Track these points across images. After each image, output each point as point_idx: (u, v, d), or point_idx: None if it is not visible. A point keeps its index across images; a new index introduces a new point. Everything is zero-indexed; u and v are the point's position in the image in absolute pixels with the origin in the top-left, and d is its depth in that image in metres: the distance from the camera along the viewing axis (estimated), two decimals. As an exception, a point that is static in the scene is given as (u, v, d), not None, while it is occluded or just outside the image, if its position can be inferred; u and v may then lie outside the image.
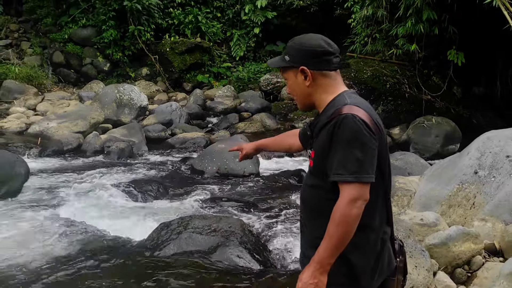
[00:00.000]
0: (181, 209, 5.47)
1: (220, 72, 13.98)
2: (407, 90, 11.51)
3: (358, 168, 1.70)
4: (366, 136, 1.73)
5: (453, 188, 4.46)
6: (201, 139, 9.19)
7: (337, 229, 1.71)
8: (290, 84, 1.95)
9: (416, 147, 9.38)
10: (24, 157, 7.45)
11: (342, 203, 1.71)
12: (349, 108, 1.76)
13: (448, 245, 3.60)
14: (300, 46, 1.91)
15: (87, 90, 12.56)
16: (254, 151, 2.46)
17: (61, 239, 4.50)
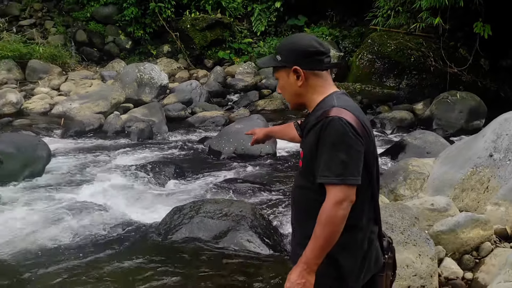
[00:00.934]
0: (196, 192, 5.59)
1: (241, 48, 13.91)
2: (432, 63, 11.22)
3: (343, 170, 1.73)
4: (352, 139, 1.75)
5: (467, 172, 4.41)
6: (220, 118, 9.27)
7: (323, 230, 1.74)
8: (282, 84, 1.95)
9: (440, 123, 9.23)
10: (48, 139, 7.71)
11: (328, 205, 1.74)
12: (336, 111, 1.78)
13: (456, 231, 3.60)
14: (292, 46, 1.91)
15: (109, 69, 12.73)
16: (264, 137, 2.52)
17: (78, 221, 4.68)
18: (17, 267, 3.86)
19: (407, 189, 4.69)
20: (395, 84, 11.40)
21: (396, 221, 3.33)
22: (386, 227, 3.31)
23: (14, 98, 9.63)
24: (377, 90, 11.17)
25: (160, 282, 3.60)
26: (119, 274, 3.73)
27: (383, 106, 10.34)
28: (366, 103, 10.59)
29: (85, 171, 6.34)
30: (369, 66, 11.61)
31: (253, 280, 3.70)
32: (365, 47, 11.82)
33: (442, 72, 10.85)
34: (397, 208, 3.44)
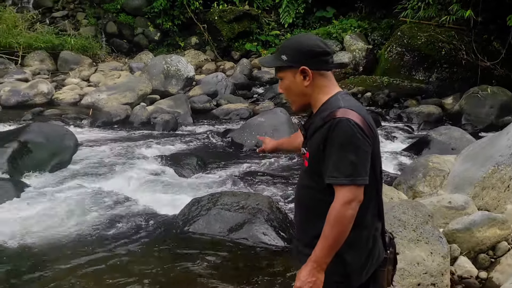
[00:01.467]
0: (216, 184, 5.69)
1: (268, 40, 13.93)
2: (464, 56, 10.98)
3: (352, 171, 1.77)
4: (360, 140, 1.79)
5: (488, 170, 4.36)
6: (244, 111, 9.35)
7: (332, 230, 1.78)
8: (287, 84, 1.94)
9: (469, 119, 9.06)
10: (76, 129, 7.97)
11: (337, 205, 1.78)
12: (343, 112, 1.80)
13: (472, 230, 3.58)
14: (299, 46, 1.91)
15: (137, 60, 12.97)
16: (271, 149, 2.51)
17: (100, 210, 4.86)
18: (42, 254, 4.04)
19: (426, 186, 4.67)
20: (424, 77, 11.23)
21: (409, 218, 3.33)
22: (398, 224, 3.32)
23: (46, 88, 9.95)
24: (406, 84, 11.03)
25: (175, 272, 3.72)
26: (136, 262, 3.87)
27: (410, 100, 10.20)
28: (393, 96, 10.47)
29: (110, 161, 6.52)
30: (398, 59, 11.47)
31: (267, 273, 3.78)
32: (395, 39, 11.67)
33: (474, 65, 10.61)
34: (411, 205, 3.44)
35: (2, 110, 9.20)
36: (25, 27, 13.02)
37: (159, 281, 3.60)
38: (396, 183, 4.98)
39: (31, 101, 9.58)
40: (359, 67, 12.16)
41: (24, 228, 4.48)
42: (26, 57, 12.38)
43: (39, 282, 3.61)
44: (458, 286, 3.38)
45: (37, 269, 3.79)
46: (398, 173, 5.71)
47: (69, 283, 3.58)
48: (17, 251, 4.06)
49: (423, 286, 3.12)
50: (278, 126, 7.10)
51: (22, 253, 4.04)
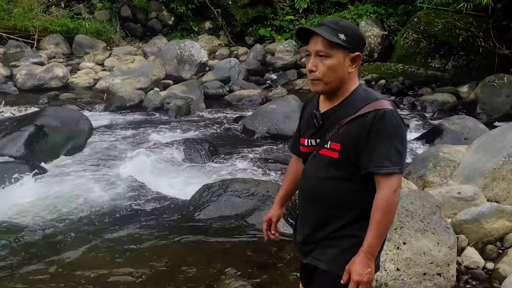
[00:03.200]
0: (227, 170, 5.77)
1: (282, 26, 13.89)
2: (482, 44, 10.85)
3: (401, 160, 1.84)
4: (404, 130, 1.87)
5: (499, 161, 4.36)
6: (257, 97, 9.38)
7: (384, 217, 1.82)
8: (333, 64, 1.86)
9: (484, 108, 8.96)
10: (91, 113, 8.09)
11: (388, 193, 1.81)
12: (385, 103, 1.85)
13: (480, 221, 3.61)
14: (358, 32, 1.92)
15: (150, 45, 13.04)
16: (282, 209, 2.33)
17: (113, 195, 4.97)
18: (55, 236, 4.16)
19: (436, 176, 4.68)
20: (440, 65, 11.12)
21: (417, 208, 3.37)
22: (406, 214, 3.36)
23: (61, 72, 10.08)
24: (421, 71, 10.94)
25: (184, 256, 3.82)
26: (146, 246, 3.97)
27: (425, 88, 10.13)
28: (408, 84, 10.40)
29: (123, 146, 6.63)
30: (414, 46, 11.35)
31: (276, 259, 3.85)
32: (411, 26, 11.54)
33: (492, 53, 10.49)
34: (419, 195, 3.47)
35: (19, 93, 9.38)
36: (40, 10, 13.15)
37: (168, 265, 3.70)
38: (406, 172, 4.99)
39: (46, 85, 9.73)
40: (373, 54, 12.08)
41: (39, 210, 4.62)
42: (42, 41, 12.54)
43: (52, 262, 3.72)
44: (464, 276, 3.42)
45: (50, 250, 3.92)
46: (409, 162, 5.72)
47: (80, 264, 3.69)
48: (32, 233, 4.19)
49: (428, 275, 3.17)
50: (289, 113, 7.12)
51: (36, 235, 4.16)
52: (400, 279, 3.15)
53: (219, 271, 3.62)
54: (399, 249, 3.22)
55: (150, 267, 3.66)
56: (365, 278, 1.80)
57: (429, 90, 10.07)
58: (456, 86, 10.05)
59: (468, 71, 10.82)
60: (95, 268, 3.64)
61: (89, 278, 3.50)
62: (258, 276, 3.57)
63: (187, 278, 3.54)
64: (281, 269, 3.68)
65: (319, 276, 1.99)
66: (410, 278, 3.15)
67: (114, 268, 3.65)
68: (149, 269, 3.64)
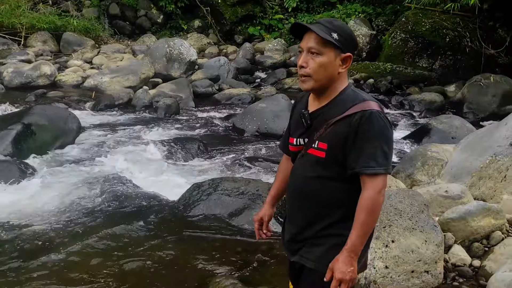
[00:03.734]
0: (217, 169, 5.78)
1: (271, 24, 13.91)
2: (468, 44, 10.96)
3: (386, 160, 1.86)
4: (390, 131, 1.90)
5: (486, 160, 4.41)
6: (246, 96, 9.40)
7: (369, 217, 1.84)
8: (324, 62, 1.88)
9: (471, 107, 9.07)
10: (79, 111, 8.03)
11: (373, 193, 1.84)
12: (372, 104, 1.87)
13: (467, 219, 3.65)
14: (351, 34, 1.94)
15: (139, 43, 12.98)
16: (273, 208, 2.34)
17: (102, 194, 4.94)
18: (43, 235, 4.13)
19: (424, 175, 4.73)
20: (427, 64, 11.22)
21: (405, 207, 3.40)
22: (394, 212, 3.40)
23: (49, 70, 9.99)
24: (409, 71, 11.03)
25: (174, 256, 3.82)
26: (136, 246, 3.95)
27: (413, 87, 10.22)
28: (396, 83, 10.49)
29: (112, 145, 6.61)
30: (402, 46, 11.43)
31: (265, 258, 3.86)
32: (399, 25, 11.63)
33: (478, 53, 10.60)
34: (408, 194, 3.51)
35: (5, 91, 9.28)
36: (27, 7, 13.01)
37: (158, 264, 3.69)
38: (394, 171, 5.04)
39: (34, 83, 9.65)
40: (362, 53, 12.15)
41: (26, 209, 4.59)
42: (29, 38, 12.41)
43: (40, 262, 3.69)
44: (451, 273, 3.46)
45: (39, 250, 3.88)
46: (397, 161, 5.78)
47: (69, 264, 3.67)
48: (19, 232, 4.15)
49: (416, 273, 3.21)
50: (279, 112, 7.15)
51: (24, 234, 4.12)
52: (389, 277, 3.19)
53: (210, 269, 3.63)
54: (388, 247, 3.25)
55: (140, 266, 3.66)
56: (347, 276, 1.83)
57: (417, 89, 10.16)
58: (443, 86, 10.16)
59: (455, 71, 10.94)
60: (83, 267, 3.62)
61: (77, 278, 3.48)
62: (248, 274, 3.59)
63: (178, 277, 3.54)
64: (272, 268, 3.70)
65: (306, 274, 2.02)
66: (398, 275, 3.19)
67: (103, 267, 3.63)
68: (139, 268, 3.63)
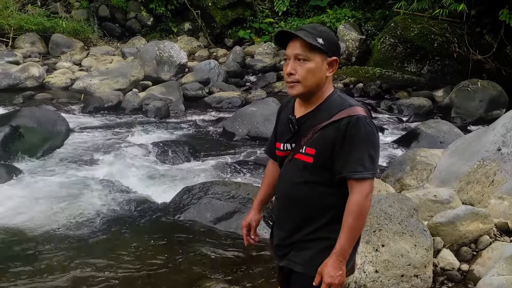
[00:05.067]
0: (207, 173, 5.77)
1: (262, 28, 13.97)
2: (456, 49, 11.09)
3: (373, 165, 1.89)
4: (376, 136, 1.93)
5: (474, 165, 4.47)
6: (236, 99, 9.41)
7: (357, 221, 1.87)
8: (312, 68, 1.90)
9: (458, 112, 9.17)
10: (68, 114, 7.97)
11: (360, 197, 1.87)
12: (359, 110, 1.90)
13: (455, 224, 3.69)
14: (334, 37, 1.98)
15: (129, 46, 12.94)
16: (260, 214, 2.34)
17: (90, 197, 4.91)
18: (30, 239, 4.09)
19: (413, 179, 4.78)
20: (416, 69, 11.33)
21: (395, 211, 3.43)
22: (384, 216, 3.42)
23: (37, 72, 9.91)
24: (398, 75, 11.13)
25: (164, 260, 3.80)
26: (125, 250, 3.93)
27: (402, 92, 10.31)
28: (385, 88, 10.57)
29: (101, 148, 6.57)
30: (391, 50, 11.53)
31: (256, 263, 3.86)
32: (388, 30, 11.73)
33: (466, 58, 10.72)
34: (397, 198, 3.54)
35: (-7, 93, 9.19)
36: (16, 8, 12.90)
37: (147, 270, 3.67)
38: (384, 175, 5.09)
39: (22, 85, 9.57)
40: (351, 58, 12.23)
41: (13, 213, 4.53)
42: (17, 39, 12.31)
43: (26, 267, 3.65)
44: (440, 277, 3.50)
45: (23, 255, 3.83)
46: (386, 165, 5.82)
47: (55, 268, 3.64)
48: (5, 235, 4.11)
49: (406, 277, 3.24)
50: (269, 116, 7.15)
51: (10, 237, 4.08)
52: (379, 281, 3.21)
53: (200, 274, 3.62)
54: (378, 251, 3.28)
55: (129, 271, 3.64)
56: (336, 280, 1.86)
57: (405, 94, 10.25)
58: (432, 90, 10.26)
59: (443, 76, 11.06)
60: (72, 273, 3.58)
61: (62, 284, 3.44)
62: (238, 279, 3.59)
63: (168, 282, 3.53)
64: (262, 272, 3.70)
65: (295, 278, 2.04)
66: (388, 279, 3.21)
67: (89, 274, 3.59)
68: (129, 273, 3.61)
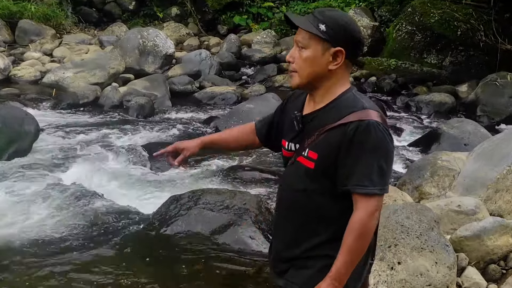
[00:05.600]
0: (197, 179, 5.80)
1: (260, 13, 13.96)
2: (482, 38, 11.12)
3: (382, 180, 1.85)
4: (390, 146, 1.87)
5: (503, 170, 4.49)
6: (231, 95, 9.43)
7: (357, 243, 1.84)
8: (310, 56, 1.89)
9: (485, 109, 9.20)
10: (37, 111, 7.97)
11: (363, 216, 1.83)
12: (373, 114, 1.85)
13: (482, 238, 3.70)
14: (343, 24, 1.90)
15: (108, 33, 12.97)
16: (198, 150, 2.26)
17: (63, 207, 4.91)
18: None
19: (434, 187, 4.80)
20: (437, 61, 11.37)
21: (413, 224, 3.45)
22: (401, 230, 3.44)
23: (2, 63, 9.92)
24: (416, 68, 11.17)
25: (149, 280, 3.80)
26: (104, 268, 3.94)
27: (420, 87, 10.35)
28: (401, 82, 10.61)
29: (75, 151, 6.57)
30: (408, 39, 11.57)
31: (253, 282, 3.88)
32: (404, 16, 11.77)
33: (494, 48, 10.75)
34: (415, 209, 3.55)
35: (-50, 88, 9.17)
36: (-23, -10, 12.88)
37: (131, 289, 3.69)
38: (400, 182, 5.10)
39: (-16, 78, 9.56)
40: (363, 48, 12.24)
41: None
42: (-21, 26, 12.29)
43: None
44: (464, 299, 3.51)
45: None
46: (403, 171, 5.84)
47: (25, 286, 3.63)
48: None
49: (426, 299, 3.25)
50: (269, 114, 7.18)
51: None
52: (395, 304, 3.21)
53: (190, 295, 3.63)
54: (394, 269, 3.28)
55: (108, 292, 3.65)
56: None
57: (424, 89, 10.29)
58: (455, 85, 10.30)
59: (467, 68, 11.08)
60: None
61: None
62: (234, 301, 3.60)
63: (152, 304, 3.53)
64: (260, 293, 3.71)
65: None
66: (405, 302, 3.22)
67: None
68: (108, 294, 3.62)
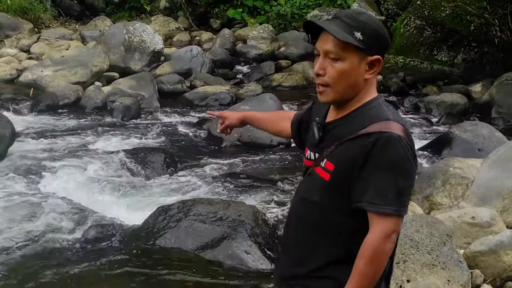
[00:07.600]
0: (188, 188, 5.80)
1: (256, 6, 14.00)
2: (497, 33, 11.15)
3: (399, 200, 1.81)
4: (412, 164, 1.83)
5: (521, 178, 4.49)
6: (225, 95, 9.43)
7: (369, 267, 1.82)
8: (345, 69, 1.86)
9: (500, 111, 9.20)
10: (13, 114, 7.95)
11: (376, 238, 1.80)
12: (395, 127, 1.82)
13: (498, 253, 3.70)
14: (379, 31, 1.90)
15: (91, 28, 12.96)
16: (238, 123, 2.45)
17: (42, 218, 4.91)
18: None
19: (446, 196, 4.79)
20: (448, 58, 11.40)
21: (423, 238, 3.44)
22: (410, 244, 3.44)
23: (-26, 61, 9.88)
24: (425, 66, 11.20)
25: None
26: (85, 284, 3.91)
27: (430, 87, 10.37)
28: (409, 81, 10.63)
29: (55, 157, 6.56)
30: (417, 35, 11.60)
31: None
32: (413, 10, 11.81)
33: (510, 45, 10.79)
34: (426, 222, 3.55)
35: None
36: None
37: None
38: (409, 192, 5.09)
39: (-46, 77, 9.53)
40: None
41: None
42: (-51, 20, 12.27)
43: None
44: (480, 320, 3.51)
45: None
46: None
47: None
48: None
49: (437, 320, 3.24)
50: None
51: None
52: (404, 326, 3.20)
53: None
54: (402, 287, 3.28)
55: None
56: None
57: (435, 89, 10.30)
58: (467, 85, 10.32)
59: (481, 67, 11.11)
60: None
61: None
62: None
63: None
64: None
65: None
66: (415, 324, 3.21)
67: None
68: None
